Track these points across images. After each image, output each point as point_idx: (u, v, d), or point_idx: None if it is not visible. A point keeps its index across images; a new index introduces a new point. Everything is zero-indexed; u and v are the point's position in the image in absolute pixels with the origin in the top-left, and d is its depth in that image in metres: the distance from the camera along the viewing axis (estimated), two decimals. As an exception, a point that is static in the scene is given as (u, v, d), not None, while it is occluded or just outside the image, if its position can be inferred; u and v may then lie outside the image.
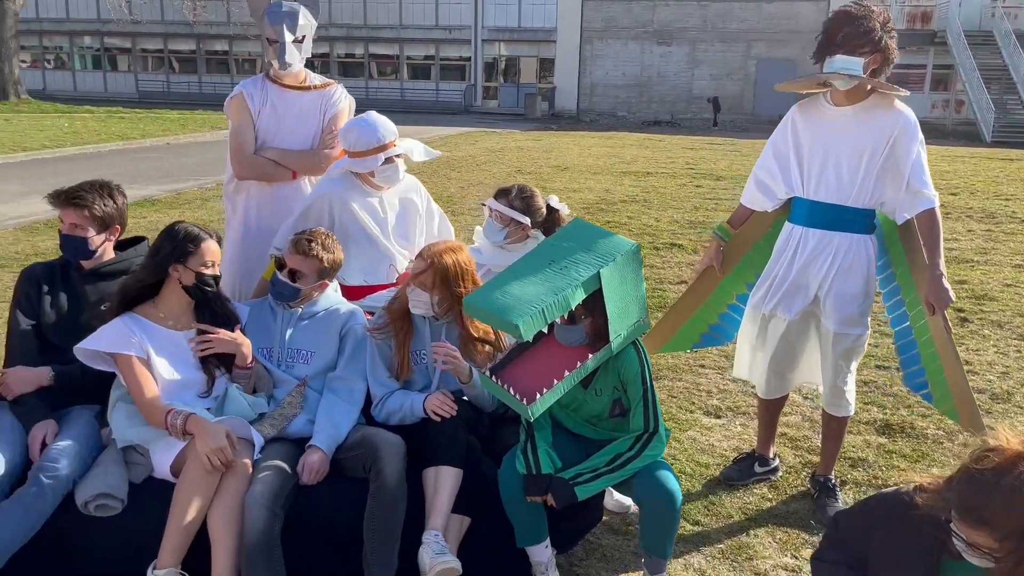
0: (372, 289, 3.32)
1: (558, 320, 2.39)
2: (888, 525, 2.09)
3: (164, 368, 2.68)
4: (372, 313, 3.12)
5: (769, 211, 3.32)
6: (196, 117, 25.27)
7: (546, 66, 35.58)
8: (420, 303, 2.83)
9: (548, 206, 3.33)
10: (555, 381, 2.42)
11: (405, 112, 29.44)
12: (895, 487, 2.21)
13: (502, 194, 3.28)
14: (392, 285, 3.34)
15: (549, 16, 34.28)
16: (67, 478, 2.47)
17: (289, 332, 2.95)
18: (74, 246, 2.85)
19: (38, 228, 8.73)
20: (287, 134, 3.59)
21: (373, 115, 3.31)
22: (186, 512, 2.44)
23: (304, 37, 3.55)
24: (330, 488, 2.66)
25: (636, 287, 2.52)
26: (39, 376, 2.71)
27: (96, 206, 2.83)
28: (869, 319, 3.22)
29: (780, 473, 3.63)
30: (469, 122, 27.47)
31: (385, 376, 2.91)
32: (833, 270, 3.10)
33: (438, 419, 2.72)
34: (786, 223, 3.25)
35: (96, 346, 2.63)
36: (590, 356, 2.47)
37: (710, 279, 3.50)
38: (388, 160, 3.25)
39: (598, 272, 2.37)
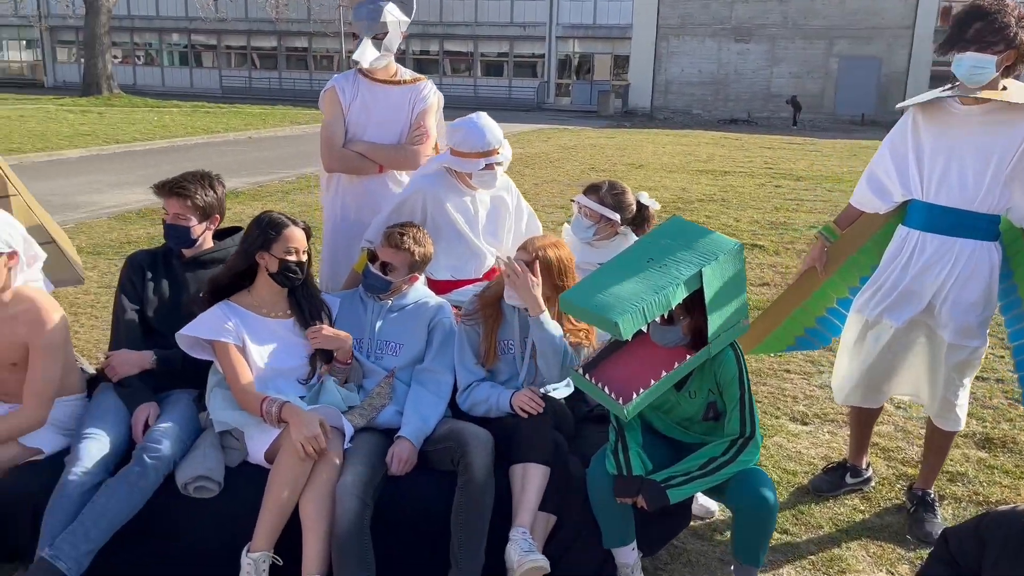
0: (458, 284, 3.33)
1: (656, 319, 2.33)
2: (1004, 544, 1.98)
3: (258, 355, 2.74)
4: (457, 307, 3.13)
5: (881, 213, 3.17)
6: (276, 112, 25.93)
7: (620, 63, 35.28)
8: (507, 290, 2.83)
9: (638, 202, 3.28)
10: (652, 381, 2.37)
11: (478, 109, 29.54)
12: (1011, 505, 2.09)
13: (592, 190, 3.24)
14: (478, 280, 3.35)
15: (625, 13, 33.97)
16: (169, 459, 2.55)
17: (379, 324, 2.98)
18: (177, 234, 2.94)
19: (131, 217, 9.08)
20: (376, 128, 3.62)
21: (483, 118, 3.29)
22: (279, 498, 2.49)
23: (386, 34, 3.54)
24: (418, 480, 2.67)
25: (737, 287, 2.45)
26: (143, 359, 2.81)
27: (198, 196, 2.91)
28: (987, 332, 3.05)
29: (873, 484, 3.49)
30: (541, 119, 27.43)
31: (472, 363, 2.92)
32: (952, 277, 2.94)
33: (524, 415, 2.71)
34: (900, 227, 3.10)
35: (195, 333, 2.70)
36: (688, 357, 2.41)
37: (810, 280, 3.37)
38: (488, 166, 3.25)
39: (700, 271, 2.31)
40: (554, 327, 2.79)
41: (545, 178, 12.80)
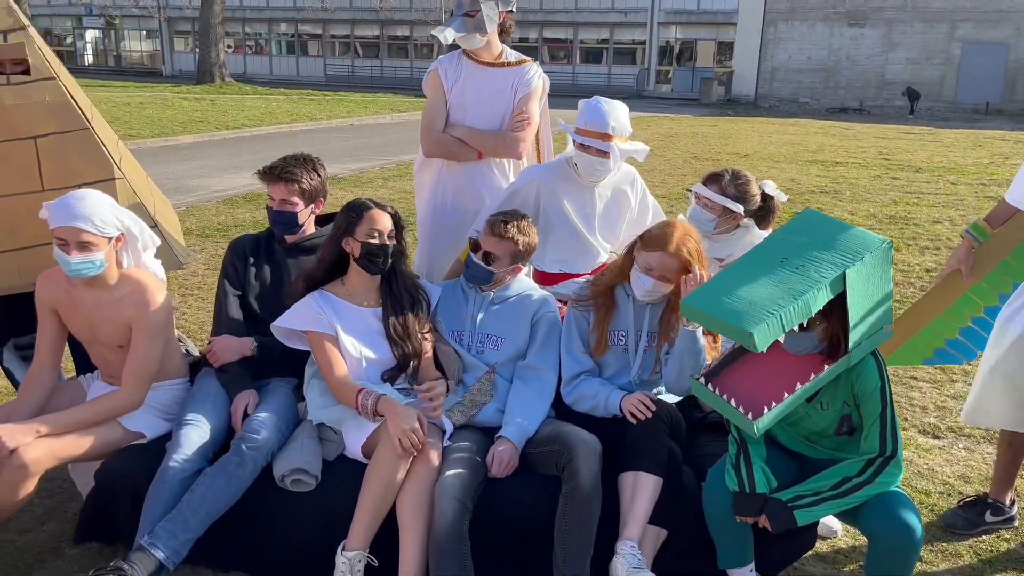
0: (566, 277, 3.16)
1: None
2: None
3: (351, 344, 2.64)
4: (563, 301, 2.97)
5: None
6: (378, 100, 26.32)
7: (724, 50, 34.22)
8: (648, 291, 2.65)
9: (762, 193, 3.02)
10: (785, 394, 2.13)
11: (575, 96, 29.23)
12: None
13: (713, 180, 3.00)
14: (588, 274, 3.16)
15: (730, -3, 32.89)
16: (267, 449, 2.49)
17: (480, 316, 2.84)
18: (284, 220, 2.87)
19: (237, 201, 9.30)
20: (476, 111, 3.46)
21: (612, 103, 3.10)
22: (376, 495, 2.39)
23: (477, 11, 3.33)
24: (519, 483, 2.53)
25: (882, 289, 2.17)
26: (243, 346, 2.76)
27: (304, 180, 2.84)
28: None
29: (1016, 523, 3.08)
30: (641, 107, 26.81)
31: (580, 351, 2.75)
32: None
33: (634, 421, 2.52)
34: None
35: (288, 324, 2.63)
36: (825, 366, 2.16)
37: (954, 286, 3.00)
38: (584, 148, 3.05)
39: (843, 273, 2.06)
40: (704, 342, 2.60)
41: (645, 167, 12.41)
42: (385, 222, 2.66)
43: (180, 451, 2.46)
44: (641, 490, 2.39)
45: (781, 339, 2.07)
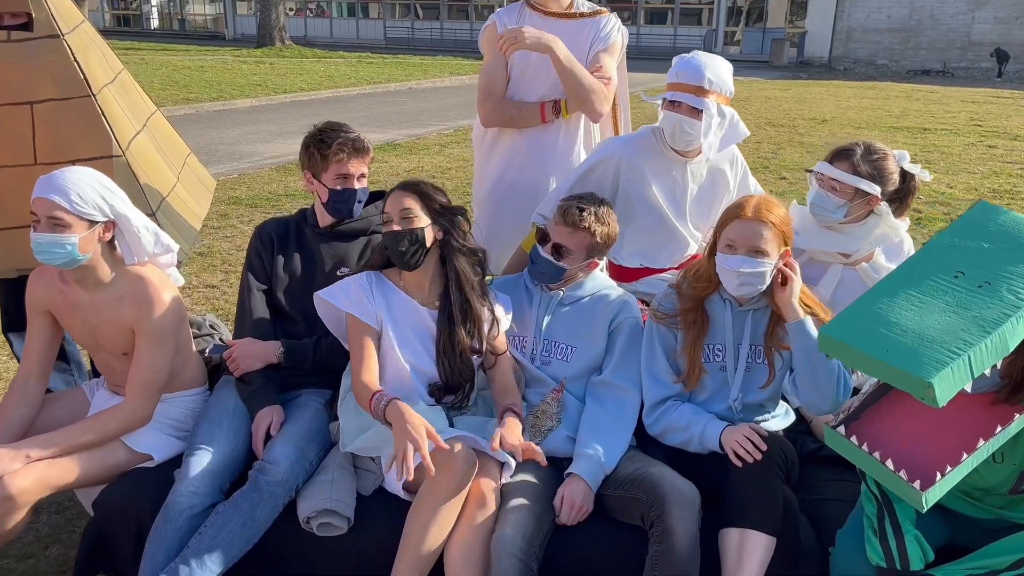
0: (648, 272, 2.65)
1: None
2: None
3: (398, 343, 2.20)
4: (644, 301, 2.48)
5: None
6: (437, 63, 25.77)
7: (796, 9, 32.57)
8: (743, 276, 2.12)
9: (901, 170, 2.46)
10: (964, 455, 1.59)
11: (639, 59, 28.18)
12: None
13: (841, 156, 2.44)
14: (674, 269, 2.65)
15: (806, -47, 31.21)
16: (290, 484, 2.07)
17: (547, 320, 2.37)
18: (361, 197, 2.46)
19: (290, 168, 8.94)
20: (539, 74, 2.93)
21: (712, 57, 2.59)
22: (420, 543, 1.96)
23: None
24: (593, 532, 2.07)
25: (1094, 311, 1.62)
26: (267, 352, 2.33)
27: (367, 144, 2.44)
28: None
29: None
30: (709, 70, 25.69)
31: (667, 375, 2.24)
32: None
33: (739, 463, 2.02)
34: None
35: (332, 299, 2.21)
36: (1016, 416, 1.61)
37: None
38: (674, 106, 2.52)
39: (1052, 291, 1.51)
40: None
41: (717, 134, 11.69)
42: (398, 202, 2.18)
43: (188, 483, 2.05)
44: (749, 552, 1.90)
45: (968, 387, 1.52)
